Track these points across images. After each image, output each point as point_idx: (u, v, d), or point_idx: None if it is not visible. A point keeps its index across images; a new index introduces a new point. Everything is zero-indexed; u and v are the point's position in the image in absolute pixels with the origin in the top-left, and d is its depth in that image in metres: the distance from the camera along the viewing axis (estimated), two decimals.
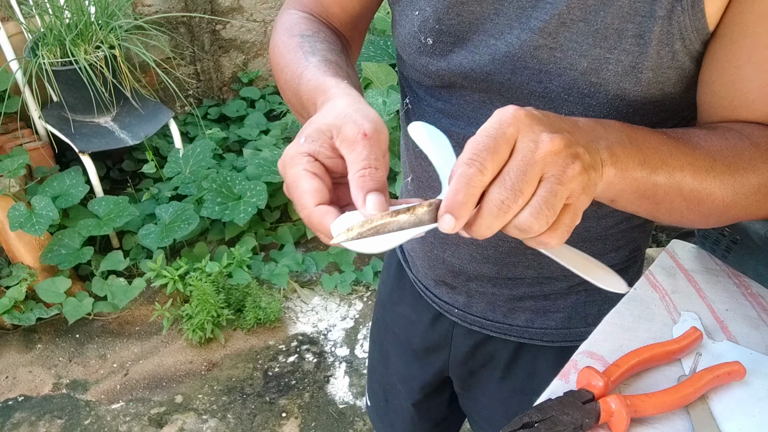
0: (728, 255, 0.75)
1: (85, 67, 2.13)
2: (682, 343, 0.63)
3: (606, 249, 0.78)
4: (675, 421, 0.57)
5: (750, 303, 0.71)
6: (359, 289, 2.34)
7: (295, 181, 0.49)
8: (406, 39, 0.68)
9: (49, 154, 2.40)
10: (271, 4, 2.96)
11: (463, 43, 0.64)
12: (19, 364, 2.08)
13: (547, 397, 0.58)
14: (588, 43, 0.58)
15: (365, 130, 0.48)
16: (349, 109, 0.51)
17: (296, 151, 0.50)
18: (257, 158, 2.43)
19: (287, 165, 0.50)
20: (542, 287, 0.79)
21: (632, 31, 0.56)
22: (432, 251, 0.82)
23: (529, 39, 0.60)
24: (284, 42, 0.68)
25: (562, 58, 0.59)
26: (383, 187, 0.48)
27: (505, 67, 0.62)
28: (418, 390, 1.00)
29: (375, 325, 1.08)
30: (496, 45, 0.62)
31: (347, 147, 0.49)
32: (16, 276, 2.12)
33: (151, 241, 2.18)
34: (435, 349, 0.94)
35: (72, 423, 1.91)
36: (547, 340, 0.83)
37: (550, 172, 0.43)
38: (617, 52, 0.57)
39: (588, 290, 0.80)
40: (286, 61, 0.66)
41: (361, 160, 0.48)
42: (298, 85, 0.61)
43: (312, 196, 0.48)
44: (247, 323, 2.16)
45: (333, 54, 0.65)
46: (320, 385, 2.02)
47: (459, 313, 0.86)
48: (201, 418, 1.92)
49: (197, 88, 2.99)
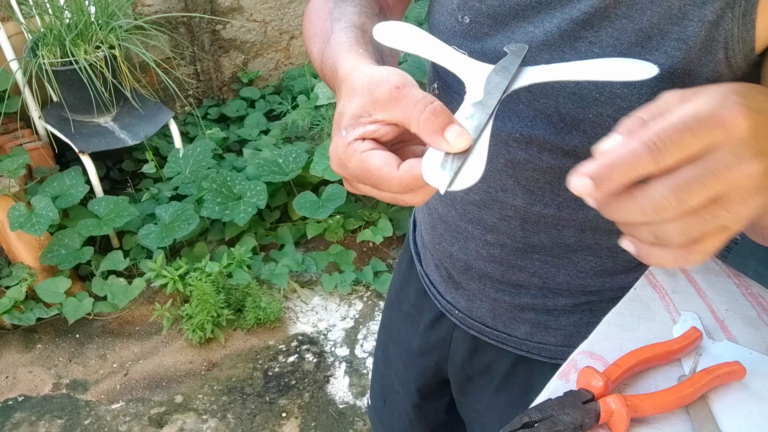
0: (728, 255, 0.75)
1: (85, 67, 2.13)
2: (682, 343, 0.63)
3: (616, 268, 0.74)
4: (675, 421, 0.57)
5: (750, 303, 0.71)
6: (359, 289, 2.34)
7: (363, 165, 0.47)
8: (443, 17, 0.66)
9: (49, 154, 2.40)
10: (271, 4, 2.96)
11: (500, 27, 0.62)
12: (19, 364, 2.08)
13: (547, 397, 0.58)
14: (629, 42, 0.56)
15: (395, 83, 0.46)
16: (366, 79, 0.48)
17: (344, 144, 0.48)
18: (257, 158, 2.42)
19: (344, 160, 0.48)
20: (546, 300, 0.77)
21: (677, 34, 0.54)
22: (441, 243, 0.82)
23: (570, 30, 0.58)
24: (317, 9, 0.66)
25: (599, 54, 0.57)
26: (449, 114, 0.45)
27: (540, 57, 0.60)
28: (416, 392, 1.00)
29: (382, 324, 1.08)
30: (535, 32, 0.60)
31: (391, 108, 0.46)
32: (16, 276, 2.12)
33: (151, 241, 2.18)
34: (433, 351, 0.93)
35: (72, 423, 1.91)
36: (545, 356, 0.81)
37: (729, 195, 0.36)
38: (658, 54, 0.55)
39: (593, 311, 0.77)
40: (315, 30, 0.63)
41: (413, 105, 0.45)
42: (322, 61, 0.59)
43: (390, 165, 0.46)
44: (247, 323, 2.16)
45: (362, 16, 0.61)
46: (320, 385, 2.02)
47: (459, 315, 0.85)
48: (201, 418, 1.92)
49: (197, 88, 2.98)
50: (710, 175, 0.35)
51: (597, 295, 0.76)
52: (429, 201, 0.82)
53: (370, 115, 0.47)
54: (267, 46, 3.06)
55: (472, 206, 0.73)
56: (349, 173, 0.48)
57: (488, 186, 0.70)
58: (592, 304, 0.77)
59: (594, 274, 0.74)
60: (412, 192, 0.47)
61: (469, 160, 0.45)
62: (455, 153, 0.44)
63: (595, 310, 0.77)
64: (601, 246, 0.72)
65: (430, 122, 0.44)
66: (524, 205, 0.69)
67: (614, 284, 0.75)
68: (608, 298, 0.76)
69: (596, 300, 0.76)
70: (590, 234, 0.70)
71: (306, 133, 2.70)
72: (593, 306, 0.77)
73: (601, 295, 0.76)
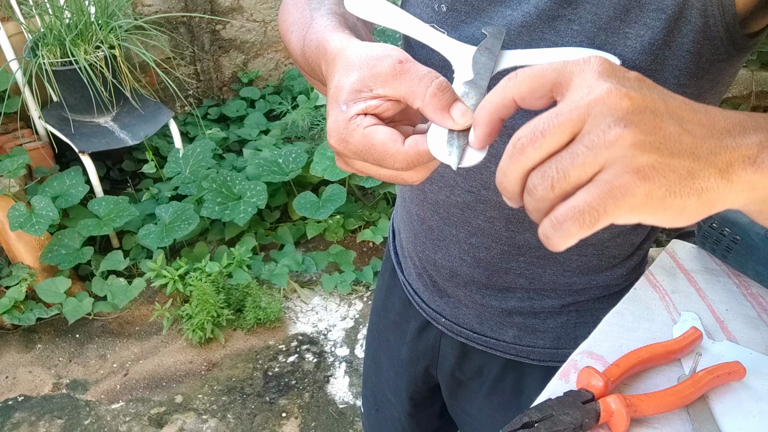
0: (728, 255, 0.75)
1: (85, 67, 2.13)
2: (682, 343, 0.63)
3: (602, 265, 0.75)
4: (675, 421, 0.57)
5: (750, 303, 0.71)
6: (359, 289, 2.34)
7: (367, 140, 0.45)
8: (418, 8, 0.65)
9: (49, 154, 2.40)
10: (271, 4, 2.96)
11: (477, 13, 0.61)
12: (19, 364, 2.08)
13: (547, 397, 0.58)
14: (608, 16, 0.55)
15: (397, 58, 0.45)
16: (365, 54, 0.47)
17: (345, 118, 0.46)
18: (257, 158, 2.43)
19: (345, 135, 0.46)
20: (533, 302, 0.77)
21: (655, 4, 0.54)
22: (424, 251, 0.80)
23: (548, 9, 0.57)
24: (293, 2, 0.65)
25: (579, 30, 0.56)
26: (453, 92, 0.45)
27: (520, 39, 0.59)
28: (408, 400, 0.98)
29: (369, 332, 1.06)
30: (513, 15, 0.59)
31: (394, 82, 0.45)
32: (16, 276, 2.12)
33: (151, 241, 2.18)
34: (422, 358, 0.91)
35: (72, 423, 1.91)
36: (534, 359, 0.80)
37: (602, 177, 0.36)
38: (638, 26, 0.54)
39: (579, 311, 0.77)
40: (293, 19, 0.62)
41: (419, 80, 0.44)
42: (303, 46, 0.57)
43: (395, 141, 0.45)
44: (247, 323, 2.16)
45: (341, 6, 0.60)
46: (320, 385, 2.02)
47: (446, 322, 0.84)
48: (201, 418, 1.92)
49: (197, 88, 2.99)
50: (573, 161, 0.36)
51: (583, 294, 0.76)
52: (410, 207, 0.80)
53: (370, 90, 0.46)
54: (267, 46, 3.07)
55: (456, 209, 0.72)
56: (350, 149, 0.47)
57: (471, 186, 0.69)
58: (579, 305, 0.77)
59: (580, 272, 0.74)
60: (414, 169, 0.46)
61: (471, 139, 0.45)
62: (459, 131, 0.44)
63: (581, 311, 0.77)
64: (586, 243, 0.71)
65: (436, 98, 0.44)
66: None
67: (600, 281, 0.75)
68: (594, 297, 0.76)
69: (582, 300, 0.76)
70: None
71: (306, 133, 2.70)
72: (580, 306, 0.77)
73: (588, 293, 0.76)
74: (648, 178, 0.35)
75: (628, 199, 0.35)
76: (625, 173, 0.35)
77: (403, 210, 0.85)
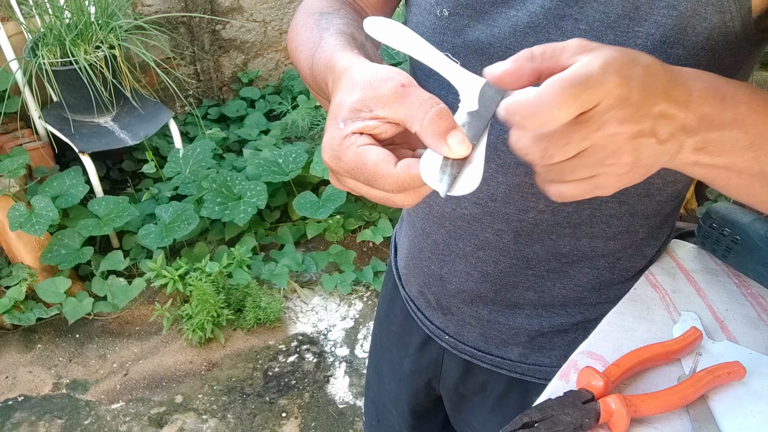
0: (728, 255, 0.75)
1: (85, 67, 2.13)
2: (682, 343, 0.63)
3: (614, 279, 0.73)
4: (675, 421, 0.57)
5: (750, 303, 0.71)
6: (359, 289, 2.34)
7: (359, 159, 0.45)
8: (421, 16, 0.65)
9: (49, 154, 2.40)
10: (271, 4, 2.96)
11: (481, 16, 0.60)
12: (19, 364, 2.08)
13: (547, 397, 0.58)
14: (616, 14, 0.54)
15: (400, 81, 0.45)
16: (369, 75, 0.47)
17: (340, 136, 0.46)
18: (257, 158, 2.43)
19: (339, 152, 0.46)
20: (541, 320, 0.75)
21: (666, 1, 0.52)
22: (429, 267, 0.78)
23: (554, 8, 0.56)
24: (303, 21, 0.65)
25: (587, 30, 0.55)
26: (453, 119, 0.45)
27: (526, 41, 0.58)
28: (410, 413, 0.97)
29: (373, 341, 1.04)
30: (518, 16, 0.58)
31: (395, 105, 0.45)
32: (16, 276, 2.12)
33: (151, 241, 2.18)
34: (424, 372, 0.90)
35: (72, 423, 1.91)
36: (540, 377, 0.78)
37: (596, 151, 0.42)
38: (648, 24, 0.53)
39: (587, 329, 0.74)
40: (302, 39, 0.62)
41: (419, 105, 0.44)
42: (312, 65, 0.57)
43: (387, 162, 0.45)
44: (247, 323, 2.16)
45: (350, 27, 0.60)
46: (320, 385, 2.02)
47: (450, 340, 0.82)
48: (201, 418, 1.92)
49: (197, 88, 2.99)
50: (579, 134, 0.41)
51: (593, 311, 0.74)
52: (415, 221, 0.79)
53: (370, 110, 0.46)
54: (267, 46, 3.07)
55: (462, 222, 0.71)
56: (342, 167, 0.47)
57: (478, 198, 0.68)
58: (587, 323, 0.74)
59: (591, 287, 0.72)
60: (406, 192, 0.46)
61: (468, 168, 0.45)
62: (454, 159, 0.44)
63: (589, 329, 0.74)
64: (597, 255, 0.70)
65: (434, 124, 0.44)
66: (517, 212, 0.67)
67: (611, 295, 0.73)
68: (605, 314, 0.74)
69: (593, 318, 0.74)
70: (586, 241, 0.68)
71: (306, 133, 2.70)
72: (588, 325, 0.74)
73: (598, 310, 0.74)
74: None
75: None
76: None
77: (407, 225, 0.83)
